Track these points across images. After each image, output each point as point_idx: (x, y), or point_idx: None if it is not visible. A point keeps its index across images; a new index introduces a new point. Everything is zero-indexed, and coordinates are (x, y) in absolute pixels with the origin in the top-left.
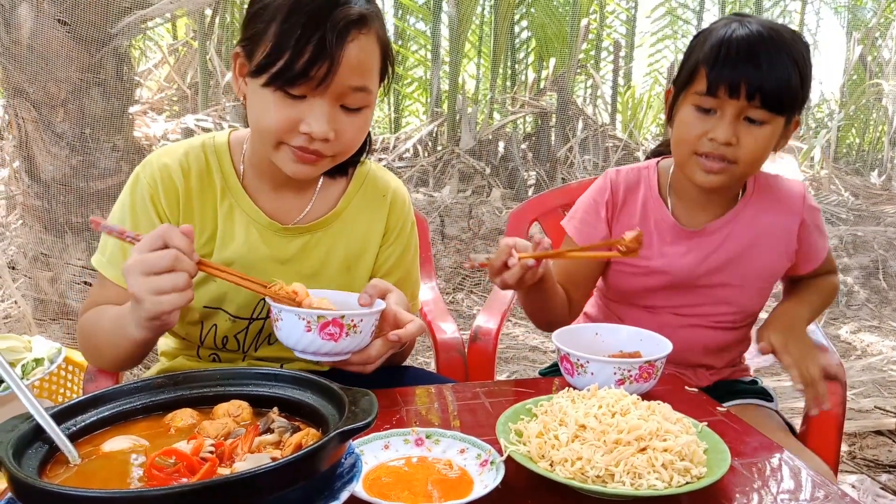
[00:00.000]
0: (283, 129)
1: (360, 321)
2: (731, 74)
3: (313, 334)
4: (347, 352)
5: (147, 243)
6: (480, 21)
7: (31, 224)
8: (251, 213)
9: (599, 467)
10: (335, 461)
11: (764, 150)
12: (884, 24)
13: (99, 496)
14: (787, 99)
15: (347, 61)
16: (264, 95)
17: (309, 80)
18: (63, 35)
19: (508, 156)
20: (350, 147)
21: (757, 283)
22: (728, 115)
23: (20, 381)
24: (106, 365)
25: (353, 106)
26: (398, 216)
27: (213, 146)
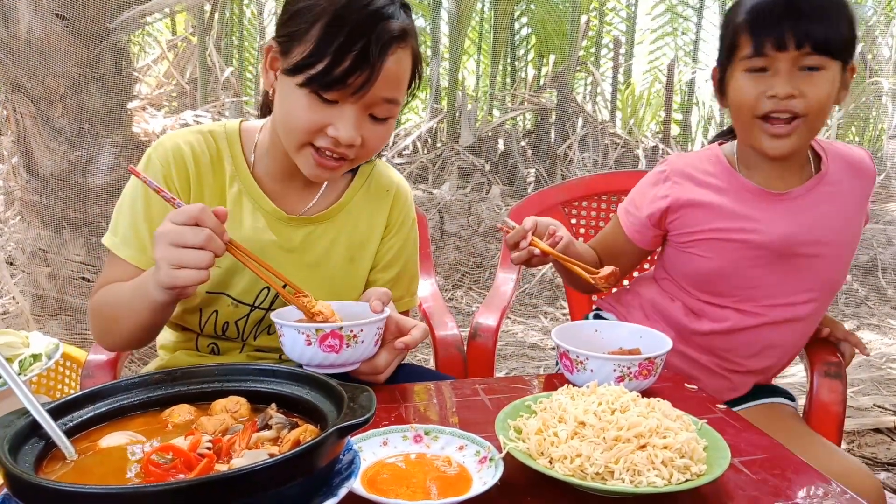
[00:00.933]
0: (311, 131)
1: (360, 331)
2: (774, 28)
3: (314, 347)
4: (353, 362)
5: (182, 216)
6: (480, 17)
7: (29, 219)
8: (259, 201)
9: (599, 464)
10: (333, 457)
11: (827, 97)
12: (884, 21)
13: (96, 492)
14: (837, 41)
15: (385, 74)
16: (297, 95)
17: (346, 87)
18: (61, 30)
19: (508, 153)
20: (371, 154)
21: (846, 253)
22: (783, 70)
23: (17, 376)
24: (121, 338)
25: (381, 116)
26: (400, 211)
27: (224, 133)
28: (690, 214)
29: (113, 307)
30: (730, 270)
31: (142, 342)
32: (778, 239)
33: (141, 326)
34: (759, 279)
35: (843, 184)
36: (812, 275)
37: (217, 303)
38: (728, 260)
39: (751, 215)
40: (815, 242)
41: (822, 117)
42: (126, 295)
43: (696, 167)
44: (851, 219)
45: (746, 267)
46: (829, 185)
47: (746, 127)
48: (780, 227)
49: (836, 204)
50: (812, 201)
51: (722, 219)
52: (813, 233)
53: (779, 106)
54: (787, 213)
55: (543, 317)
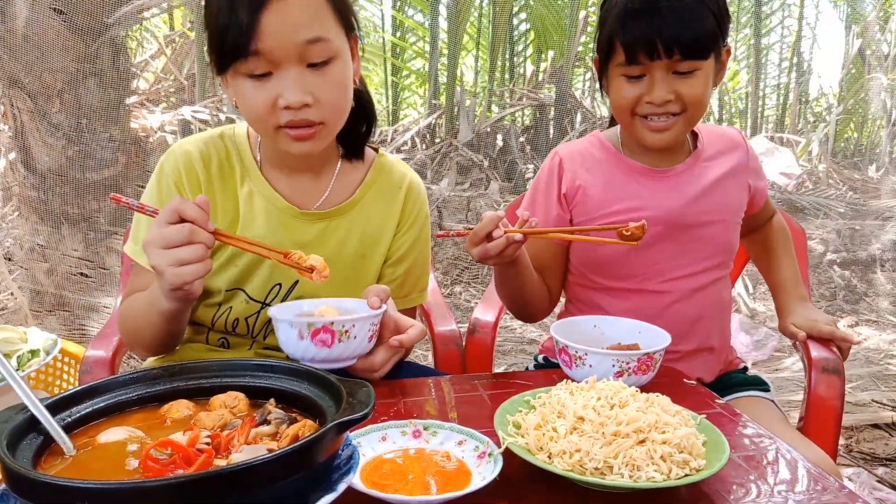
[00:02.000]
0: (265, 111)
1: (352, 327)
2: (643, 39)
3: (306, 342)
4: (346, 357)
5: (163, 217)
6: (479, 13)
7: (27, 215)
8: (270, 198)
9: (598, 459)
10: (332, 453)
11: (703, 93)
12: (883, 17)
13: (94, 487)
14: (707, 41)
15: (278, 21)
16: (238, 87)
17: (243, 55)
18: (59, 25)
19: (507, 148)
20: (336, 107)
21: (734, 218)
22: (657, 76)
23: (15, 371)
24: (147, 347)
25: (318, 60)
26: (413, 206)
27: (232, 135)
28: (586, 201)
29: (133, 319)
30: (628, 252)
31: (169, 347)
32: (667, 213)
33: (161, 335)
34: (657, 255)
35: (718, 158)
36: (706, 243)
37: (233, 299)
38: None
39: (639, 193)
40: (702, 212)
41: (701, 110)
42: (142, 307)
43: (583, 153)
44: (730, 188)
45: (643, 245)
46: (706, 161)
47: (627, 124)
48: (668, 201)
49: (715, 175)
50: (693, 175)
51: (614, 200)
52: (699, 204)
53: (656, 110)
54: (673, 189)
55: None
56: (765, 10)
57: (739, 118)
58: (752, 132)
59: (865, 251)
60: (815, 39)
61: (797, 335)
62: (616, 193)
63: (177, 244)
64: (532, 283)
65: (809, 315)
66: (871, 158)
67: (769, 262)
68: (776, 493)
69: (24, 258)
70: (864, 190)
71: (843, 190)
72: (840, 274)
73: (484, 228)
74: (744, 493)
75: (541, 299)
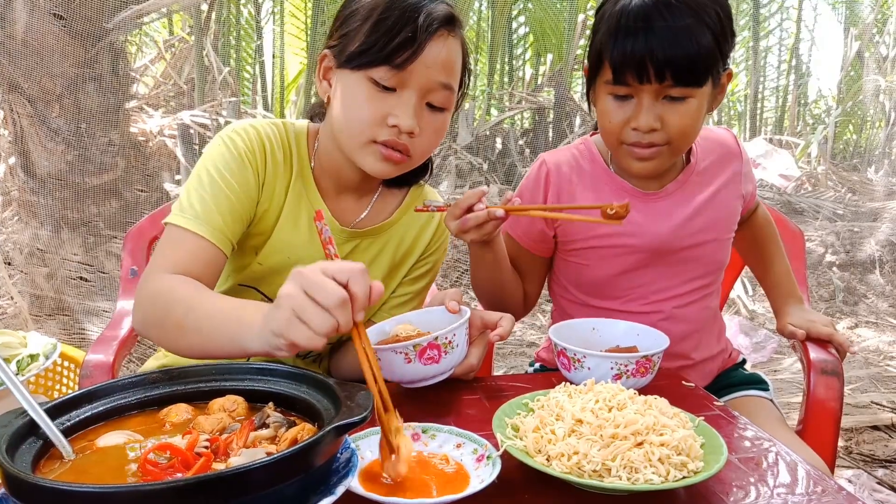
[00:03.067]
0: (372, 121)
1: (454, 336)
2: (634, 60)
3: (415, 364)
4: (452, 367)
5: (334, 273)
6: (478, 17)
7: (26, 220)
8: (317, 205)
9: (596, 462)
10: (331, 456)
11: (693, 124)
12: (881, 20)
13: (93, 491)
14: (704, 66)
15: (434, 55)
16: (356, 88)
17: (394, 65)
18: (58, 30)
19: (506, 151)
20: (428, 150)
21: (726, 234)
22: (645, 101)
23: (14, 376)
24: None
25: (437, 104)
26: (441, 232)
27: (293, 130)
28: (572, 223)
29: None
30: (613, 276)
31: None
32: (653, 240)
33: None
34: (639, 279)
35: (712, 169)
36: (693, 264)
37: (244, 294)
38: (610, 266)
39: (629, 217)
40: (691, 235)
41: (688, 141)
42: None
43: (571, 165)
44: (725, 201)
45: (629, 270)
46: (699, 174)
47: (613, 148)
48: (659, 227)
49: (708, 192)
50: (685, 194)
51: (600, 225)
52: (689, 226)
53: (642, 139)
54: (662, 214)
55: (541, 315)
56: (763, 12)
57: (738, 120)
58: (751, 134)
59: (864, 253)
60: (814, 42)
61: (796, 334)
62: None
63: (317, 300)
64: (507, 277)
65: (806, 315)
66: (869, 160)
67: (760, 260)
68: (775, 495)
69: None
70: (862, 192)
71: (841, 192)
72: (839, 276)
73: (466, 201)
74: (742, 495)
75: (516, 299)
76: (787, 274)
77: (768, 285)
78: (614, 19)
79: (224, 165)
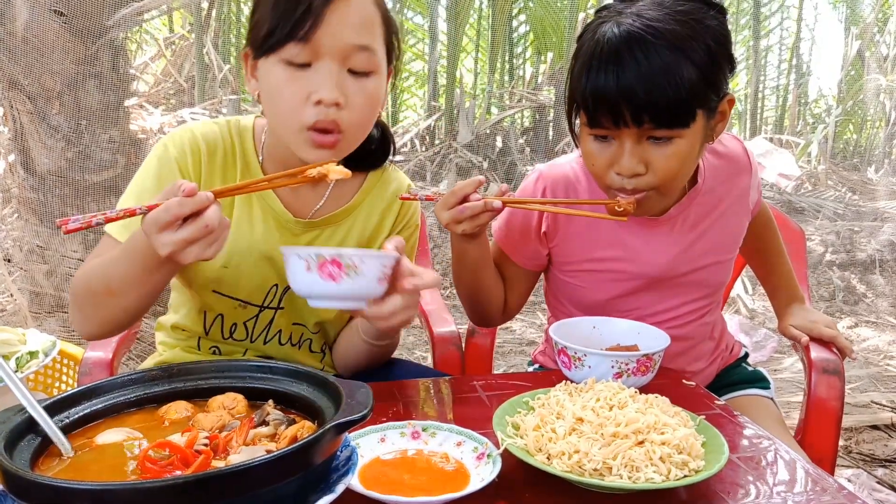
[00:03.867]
0: (296, 104)
1: (360, 262)
2: (607, 102)
3: (313, 275)
4: (353, 296)
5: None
6: (478, 15)
7: (26, 217)
8: (269, 202)
9: (597, 460)
10: (331, 454)
11: (682, 163)
12: (882, 19)
13: (92, 488)
14: (686, 107)
15: (340, 17)
16: (273, 74)
17: (298, 39)
18: (58, 27)
19: (506, 150)
20: (362, 120)
21: (730, 254)
22: (627, 144)
23: (13, 372)
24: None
25: (360, 69)
26: (405, 216)
27: (238, 129)
28: (568, 243)
29: (103, 278)
30: (608, 299)
31: (131, 316)
32: (651, 269)
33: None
34: (634, 302)
35: (719, 188)
36: (692, 288)
37: (221, 305)
38: (606, 289)
39: (625, 242)
40: (696, 259)
41: (680, 182)
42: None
43: (567, 184)
44: (732, 220)
45: (626, 295)
46: (705, 195)
47: (603, 188)
48: (659, 255)
49: (715, 213)
50: (689, 218)
51: (597, 248)
52: (694, 250)
53: (626, 184)
54: (662, 240)
55: (542, 313)
56: (764, 11)
57: (738, 119)
58: (752, 134)
59: (864, 252)
60: (814, 41)
61: (800, 339)
62: (599, 239)
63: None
64: (489, 280)
65: (809, 317)
66: (870, 160)
67: (762, 260)
68: (775, 493)
69: (23, 260)
70: (863, 191)
71: (842, 191)
72: (839, 275)
73: (462, 190)
74: (743, 494)
75: (495, 303)
76: (789, 274)
77: (770, 286)
78: (587, 55)
79: (155, 174)
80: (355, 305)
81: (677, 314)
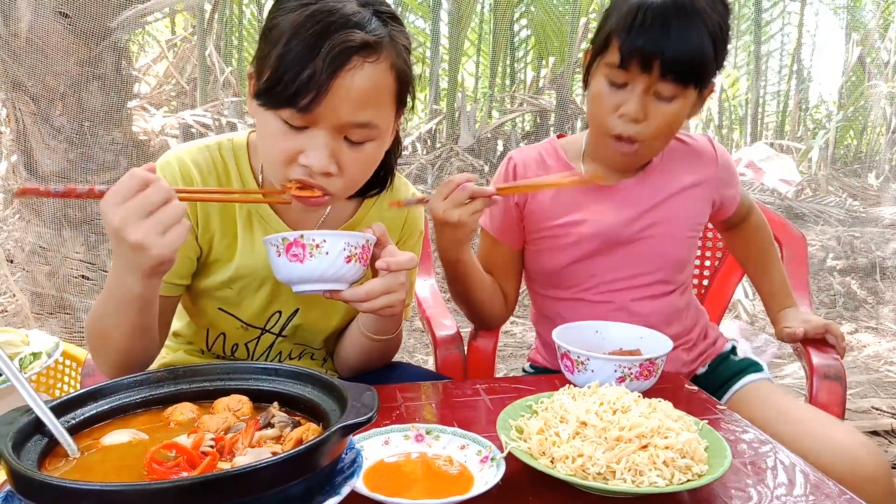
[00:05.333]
0: (284, 161)
1: (322, 241)
2: (643, 48)
3: (282, 259)
4: (322, 277)
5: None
6: (480, 19)
7: (28, 218)
8: (270, 222)
9: (601, 464)
10: (336, 456)
11: (671, 125)
12: (883, 25)
13: (99, 489)
14: (700, 71)
15: (345, 93)
16: (267, 124)
17: (296, 108)
18: (62, 28)
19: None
20: (356, 183)
21: (685, 232)
22: (638, 90)
23: (20, 373)
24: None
25: (357, 140)
26: (411, 224)
27: (231, 148)
28: (535, 209)
29: (97, 321)
30: (567, 264)
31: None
32: (605, 228)
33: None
34: (592, 267)
35: (676, 172)
36: (641, 258)
37: (224, 324)
38: (566, 255)
39: (584, 206)
40: (642, 228)
41: (662, 142)
42: (104, 303)
43: (537, 161)
44: (686, 202)
45: (583, 259)
46: (658, 174)
47: (598, 135)
48: (608, 216)
49: (666, 189)
50: (643, 190)
51: (559, 213)
52: (640, 220)
53: (624, 130)
54: (616, 204)
55: None
56: (765, 17)
57: (739, 125)
58: (752, 139)
59: (865, 258)
60: (815, 47)
61: (795, 333)
62: (561, 206)
63: (154, 208)
64: (484, 285)
65: (802, 317)
66: (870, 166)
67: (755, 266)
68: (778, 498)
69: (25, 260)
70: (863, 197)
71: (842, 197)
72: (840, 281)
73: (457, 180)
74: (745, 499)
75: (497, 303)
76: (783, 281)
77: (764, 293)
78: (632, 12)
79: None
80: (331, 286)
81: (635, 284)
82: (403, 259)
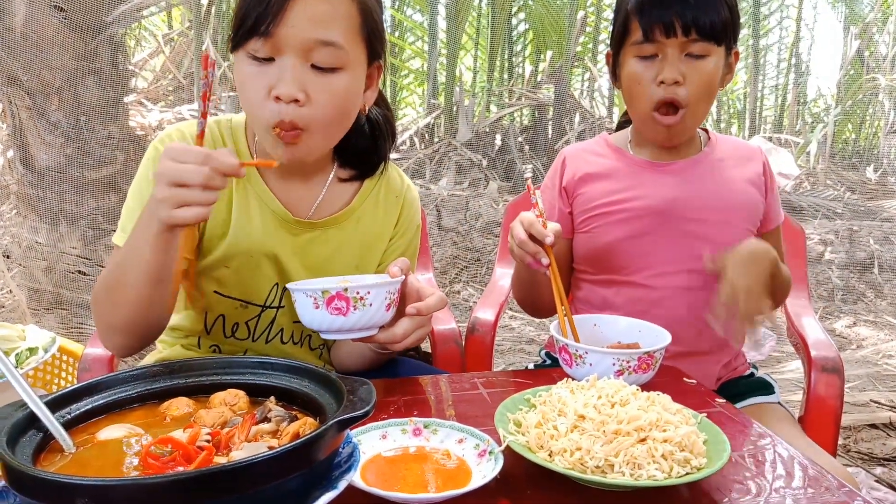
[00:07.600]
0: (259, 99)
1: (366, 293)
2: (662, 14)
3: (321, 311)
4: (363, 327)
5: (184, 156)
6: (478, 13)
7: (25, 213)
8: (266, 200)
9: (599, 458)
10: (333, 450)
11: (710, 82)
12: (881, 18)
13: (94, 484)
14: (721, 26)
15: (302, 11)
16: (241, 69)
17: (260, 34)
18: (58, 22)
19: (505, 148)
20: (326, 117)
21: (742, 223)
22: (670, 55)
23: (14, 368)
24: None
25: (323, 64)
26: (407, 215)
27: (229, 127)
28: (587, 190)
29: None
30: (619, 240)
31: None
32: (662, 202)
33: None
34: (647, 246)
35: (728, 162)
36: (700, 241)
37: (222, 306)
38: (617, 230)
39: (639, 183)
40: (699, 207)
41: (707, 103)
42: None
43: (587, 150)
44: (743, 191)
45: (635, 236)
46: (713, 161)
47: (641, 115)
48: (664, 191)
49: (719, 177)
50: (696, 173)
51: (612, 190)
52: (699, 198)
53: (667, 94)
54: (672, 181)
55: None
56: (763, 10)
57: (738, 119)
58: (751, 133)
59: (863, 252)
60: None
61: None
62: (616, 184)
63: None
64: (543, 288)
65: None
66: (868, 159)
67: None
68: (774, 490)
69: (22, 256)
70: (861, 191)
71: (841, 191)
72: (838, 274)
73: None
74: (744, 492)
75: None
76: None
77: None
78: None
79: (146, 184)
80: (366, 334)
81: (686, 268)
82: (433, 302)
